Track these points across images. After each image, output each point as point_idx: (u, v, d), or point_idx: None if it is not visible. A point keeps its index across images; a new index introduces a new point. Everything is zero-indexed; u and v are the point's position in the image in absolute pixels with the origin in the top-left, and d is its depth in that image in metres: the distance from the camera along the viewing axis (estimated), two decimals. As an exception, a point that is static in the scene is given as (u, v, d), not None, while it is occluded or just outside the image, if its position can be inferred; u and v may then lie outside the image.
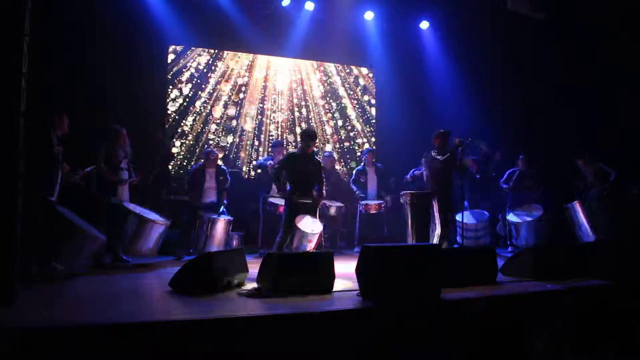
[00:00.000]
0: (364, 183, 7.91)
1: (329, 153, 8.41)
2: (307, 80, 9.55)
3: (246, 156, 8.90)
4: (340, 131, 9.71)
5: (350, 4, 9.09)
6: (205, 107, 8.71)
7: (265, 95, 9.19)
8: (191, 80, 8.63)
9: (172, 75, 8.49)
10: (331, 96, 9.70)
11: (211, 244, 6.25)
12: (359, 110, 9.92)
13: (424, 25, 9.72)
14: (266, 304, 3.57)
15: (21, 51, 3.29)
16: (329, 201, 7.41)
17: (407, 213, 6.27)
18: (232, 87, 8.96)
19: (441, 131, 6.50)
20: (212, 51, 8.86)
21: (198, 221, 6.32)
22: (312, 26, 9.02)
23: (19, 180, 3.28)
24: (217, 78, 8.86)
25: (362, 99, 9.97)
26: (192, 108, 8.60)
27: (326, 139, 9.55)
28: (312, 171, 6.05)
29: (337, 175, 8.35)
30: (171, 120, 8.41)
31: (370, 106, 10.02)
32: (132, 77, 7.62)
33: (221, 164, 7.22)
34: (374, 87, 10.07)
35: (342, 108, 9.78)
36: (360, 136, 9.87)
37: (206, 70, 8.77)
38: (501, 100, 9.04)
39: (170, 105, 8.42)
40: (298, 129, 9.19)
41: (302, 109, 9.45)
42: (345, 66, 9.86)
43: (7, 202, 3.20)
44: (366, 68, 10.03)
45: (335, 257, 4.21)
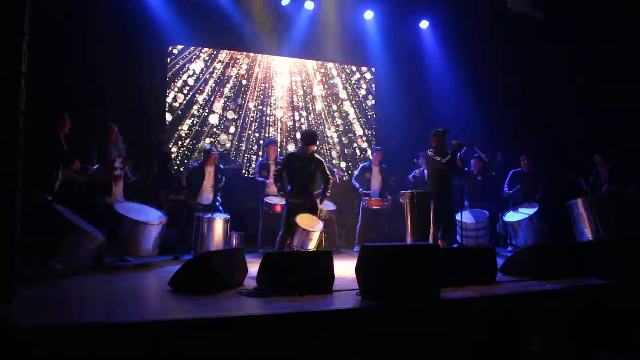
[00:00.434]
0: (368, 180, 7.89)
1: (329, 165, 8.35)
2: (307, 79, 9.55)
3: (246, 155, 8.90)
4: (339, 131, 9.71)
5: (349, 4, 9.09)
6: (205, 107, 8.71)
7: (265, 94, 9.19)
8: (191, 79, 8.63)
9: (172, 74, 8.49)
10: (331, 95, 9.70)
11: (210, 243, 6.24)
12: (359, 109, 9.92)
13: (424, 24, 9.73)
14: (266, 304, 3.57)
15: (21, 51, 3.29)
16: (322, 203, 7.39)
17: (407, 213, 6.27)
18: (232, 87, 8.96)
19: (439, 130, 6.47)
20: (212, 51, 8.86)
21: (195, 220, 6.31)
22: (312, 26, 9.03)
23: (19, 179, 3.28)
24: (217, 77, 8.86)
25: (362, 98, 9.97)
26: (192, 107, 8.61)
27: (326, 139, 9.55)
28: (313, 170, 6.04)
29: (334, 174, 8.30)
30: (171, 119, 8.41)
31: (369, 105, 10.02)
32: (132, 77, 7.62)
33: (220, 165, 7.21)
34: (374, 87, 10.07)
35: (342, 107, 9.78)
36: (359, 135, 9.87)
37: (206, 69, 8.77)
38: (501, 100, 9.03)
39: (169, 104, 8.42)
40: (298, 128, 9.20)
41: (302, 109, 9.45)
42: (344, 65, 9.86)
43: (7, 202, 3.20)
44: (366, 67, 10.03)
45: (335, 257, 4.21)
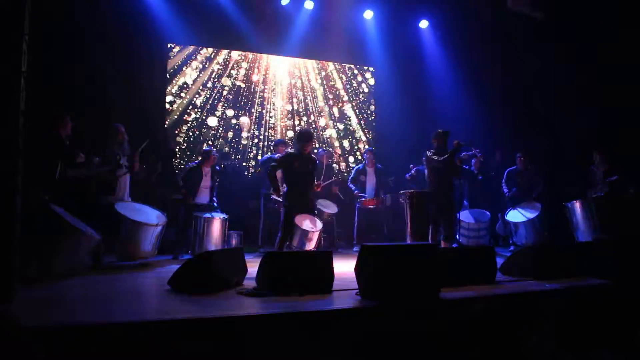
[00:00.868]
0: (363, 182, 7.90)
1: (323, 150, 8.39)
2: (307, 79, 9.55)
3: (246, 154, 8.90)
4: (339, 130, 9.71)
5: (349, 3, 9.09)
6: (204, 106, 8.71)
7: (264, 93, 9.19)
8: (190, 78, 8.63)
9: (172, 74, 8.50)
10: (330, 95, 9.71)
11: (208, 243, 6.25)
12: (358, 109, 9.92)
13: (424, 24, 9.72)
14: (265, 303, 3.57)
15: (21, 51, 3.29)
16: (323, 205, 7.40)
17: (406, 212, 6.27)
18: (232, 86, 8.97)
19: (440, 131, 6.49)
20: (212, 50, 8.86)
21: (194, 220, 6.32)
22: (312, 25, 9.03)
23: (19, 179, 3.28)
24: (216, 77, 8.86)
25: (362, 98, 9.98)
26: (192, 107, 8.61)
27: (325, 139, 9.55)
28: (311, 170, 6.05)
29: (333, 171, 8.30)
30: (170, 119, 8.42)
31: (369, 105, 10.02)
32: (132, 77, 7.62)
33: (217, 166, 7.21)
34: (374, 86, 10.07)
35: (342, 107, 9.78)
36: (359, 135, 9.87)
37: (205, 69, 8.77)
38: (501, 99, 9.04)
39: (169, 103, 8.43)
40: (297, 127, 9.20)
41: (302, 108, 9.45)
42: (344, 65, 9.87)
43: (7, 202, 3.20)
44: (365, 67, 10.03)
45: (334, 257, 4.21)
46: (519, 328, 3.57)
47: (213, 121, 8.76)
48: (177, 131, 8.44)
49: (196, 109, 8.64)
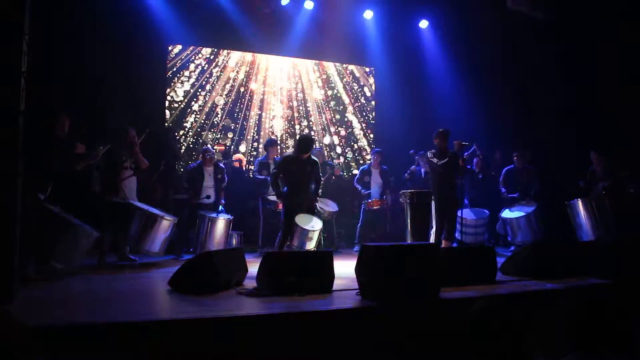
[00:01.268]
0: (367, 183, 7.91)
1: (319, 149, 8.38)
2: (307, 79, 9.55)
3: (246, 154, 8.90)
4: (339, 130, 9.71)
5: (349, 3, 9.07)
6: (204, 106, 8.71)
7: (264, 93, 9.19)
8: (190, 79, 8.63)
9: (172, 74, 8.49)
10: (330, 95, 9.70)
11: (211, 243, 6.25)
12: (358, 109, 9.92)
13: (424, 24, 9.71)
14: (266, 303, 3.58)
15: (21, 51, 3.29)
16: (323, 203, 7.40)
17: (407, 212, 6.27)
18: (232, 86, 8.96)
19: (441, 130, 6.49)
20: (212, 50, 8.86)
21: (197, 220, 6.32)
22: (312, 25, 9.01)
23: (19, 179, 3.28)
24: (216, 77, 8.86)
25: (362, 98, 9.97)
26: (192, 107, 8.61)
27: (325, 138, 9.55)
28: (309, 172, 6.05)
29: (332, 170, 8.30)
30: (171, 119, 8.42)
31: (369, 105, 10.02)
32: (132, 77, 7.61)
33: (220, 162, 7.21)
34: (373, 86, 10.07)
35: (342, 107, 9.78)
36: (359, 135, 9.87)
37: (205, 69, 8.77)
38: (501, 99, 9.03)
39: (169, 104, 8.42)
40: (297, 128, 9.20)
41: (302, 108, 9.45)
42: (344, 65, 9.86)
43: (7, 202, 3.20)
44: (365, 67, 10.03)
45: (335, 257, 4.21)
46: (519, 328, 3.56)
47: (213, 119, 8.74)
48: (178, 131, 8.43)
49: (196, 109, 8.63)
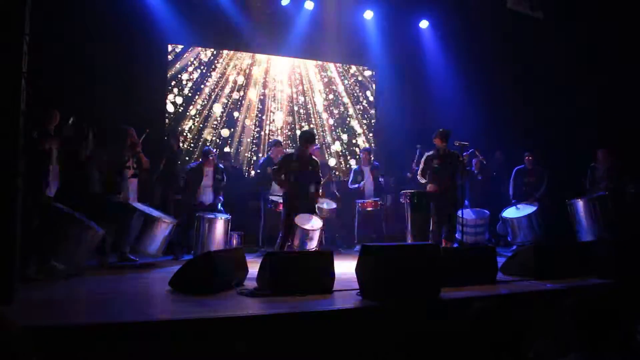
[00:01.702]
0: (362, 182, 7.92)
1: (317, 146, 8.37)
2: (307, 79, 9.55)
3: (246, 155, 8.90)
4: (339, 130, 9.71)
5: (349, 3, 9.08)
6: (204, 106, 8.70)
7: (264, 94, 9.19)
8: (191, 79, 8.63)
9: (172, 74, 8.49)
10: (331, 95, 9.70)
11: (210, 244, 6.24)
12: (359, 109, 9.91)
13: (424, 24, 9.71)
14: (266, 304, 3.57)
15: (21, 51, 3.29)
16: (322, 202, 7.40)
17: (407, 212, 6.27)
18: (232, 86, 8.96)
19: (441, 130, 6.49)
20: (212, 50, 8.86)
21: (196, 221, 6.31)
22: (312, 25, 9.01)
23: (19, 179, 3.28)
24: (217, 77, 8.85)
25: (362, 98, 9.97)
26: (192, 107, 8.60)
27: (325, 138, 9.55)
28: (311, 171, 6.05)
29: (329, 169, 8.29)
30: (171, 119, 8.41)
31: (370, 105, 10.01)
32: (132, 77, 7.61)
33: (220, 164, 7.20)
34: (374, 86, 10.07)
35: (342, 107, 9.78)
36: (359, 135, 9.87)
37: (205, 69, 8.77)
38: (501, 99, 9.03)
39: (169, 104, 8.42)
40: (298, 128, 9.19)
41: (302, 108, 9.44)
42: (344, 65, 9.86)
43: (7, 202, 3.20)
44: (366, 67, 10.03)
45: (335, 257, 4.21)
46: (520, 328, 3.56)
47: (213, 120, 8.74)
48: (178, 132, 8.42)
49: (196, 109, 8.62)
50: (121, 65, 7.46)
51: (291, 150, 8.02)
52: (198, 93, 8.67)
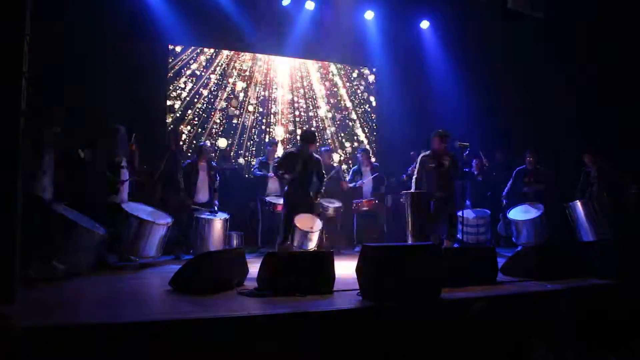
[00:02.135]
0: (361, 182, 7.93)
1: (327, 148, 8.42)
2: (308, 79, 9.54)
3: (246, 155, 8.90)
4: (340, 131, 9.71)
5: (350, 4, 9.09)
6: (205, 107, 8.70)
7: (265, 94, 9.19)
8: (191, 79, 8.63)
9: (172, 74, 8.49)
10: (331, 95, 9.70)
11: (209, 244, 6.25)
12: (359, 109, 9.91)
13: (424, 24, 9.72)
14: (266, 304, 3.57)
15: (21, 51, 3.29)
16: (327, 201, 7.41)
17: (407, 213, 6.26)
18: (232, 87, 8.96)
19: (439, 131, 6.47)
20: (212, 50, 8.86)
21: (195, 221, 6.30)
22: (313, 26, 9.02)
23: (19, 179, 3.27)
24: (217, 77, 8.85)
25: (362, 98, 9.97)
26: (192, 107, 8.60)
27: (326, 139, 9.54)
28: (311, 171, 6.04)
29: (337, 172, 8.32)
30: (171, 119, 8.41)
31: (370, 105, 10.01)
32: (133, 77, 7.61)
33: (213, 161, 7.18)
34: (374, 86, 10.06)
35: (343, 107, 9.78)
36: (360, 135, 9.87)
37: (206, 69, 8.77)
38: (501, 99, 9.03)
39: (170, 104, 8.42)
40: (298, 128, 9.19)
41: (302, 108, 9.44)
42: (345, 65, 9.86)
43: (7, 202, 3.20)
44: (366, 67, 10.03)
45: (335, 257, 4.20)
46: (520, 329, 3.56)
47: (213, 120, 8.74)
48: (178, 132, 8.42)
49: (197, 109, 8.63)
50: (121, 65, 7.46)
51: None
52: (199, 93, 8.67)
